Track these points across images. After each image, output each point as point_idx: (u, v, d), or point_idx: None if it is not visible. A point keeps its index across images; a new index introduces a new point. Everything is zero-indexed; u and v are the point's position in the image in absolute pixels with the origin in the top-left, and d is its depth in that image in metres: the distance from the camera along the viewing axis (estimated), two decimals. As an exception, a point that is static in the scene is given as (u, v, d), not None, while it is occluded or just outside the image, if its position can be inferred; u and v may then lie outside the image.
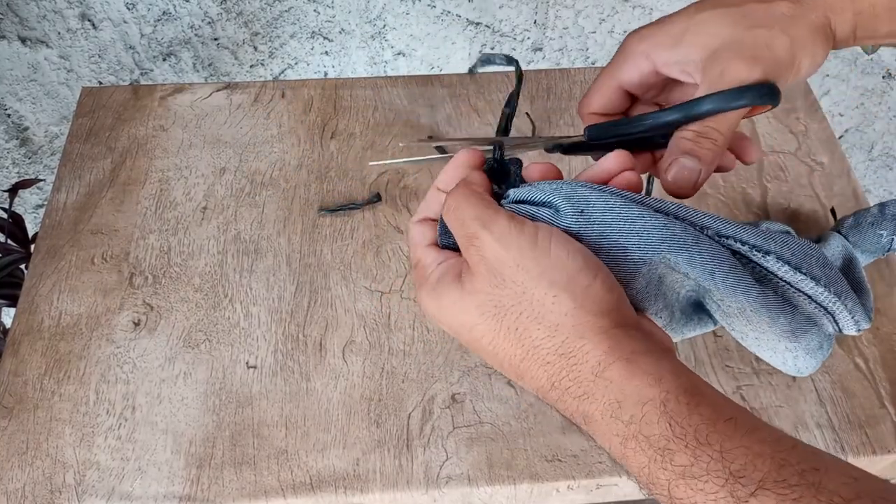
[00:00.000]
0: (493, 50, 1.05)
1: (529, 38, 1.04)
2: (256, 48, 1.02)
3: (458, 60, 1.07)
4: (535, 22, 1.01)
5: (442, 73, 1.09)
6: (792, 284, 0.44)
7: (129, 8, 0.96)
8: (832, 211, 0.64)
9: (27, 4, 0.93)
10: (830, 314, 0.46)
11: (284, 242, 0.64)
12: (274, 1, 0.96)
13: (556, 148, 0.48)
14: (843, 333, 0.47)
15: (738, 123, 0.43)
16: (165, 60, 1.03)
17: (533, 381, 0.35)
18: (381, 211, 0.66)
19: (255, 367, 0.57)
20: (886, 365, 0.57)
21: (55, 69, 1.02)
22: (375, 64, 1.06)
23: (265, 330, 0.58)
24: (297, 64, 1.06)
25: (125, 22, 0.97)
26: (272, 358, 0.57)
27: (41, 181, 1.07)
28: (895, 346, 0.58)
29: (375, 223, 0.65)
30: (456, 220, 0.38)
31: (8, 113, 1.07)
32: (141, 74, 1.05)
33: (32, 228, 0.94)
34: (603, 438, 0.34)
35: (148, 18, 0.97)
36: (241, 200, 0.66)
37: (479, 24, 1.01)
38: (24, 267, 0.87)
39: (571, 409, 0.34)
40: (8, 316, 1.14)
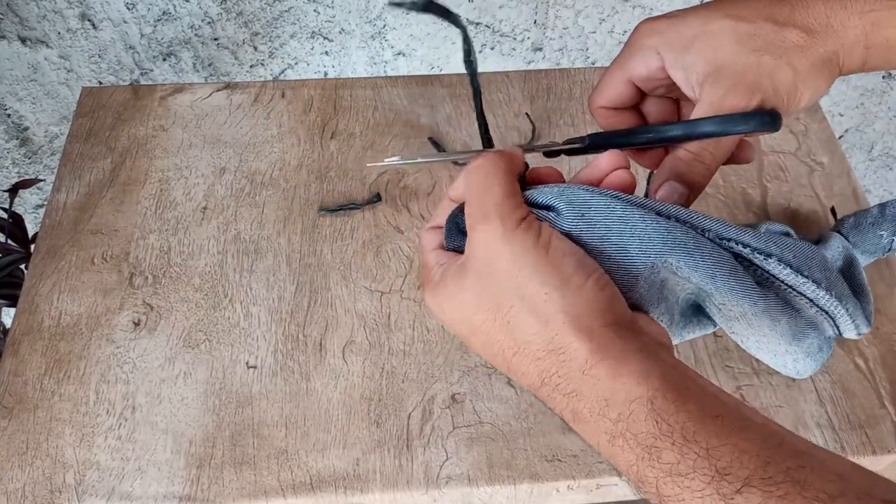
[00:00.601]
0: (492, 50, 1.05)
1: (529, 38, 1.04)
2: (256, 48, 1.02)
3: (458, 60, 1.07)
4: (535, 22, 1.01)
5: (442, 73, 1.09)
6: (794, 288, 0.44)
7: (129, 8, 0.96)
8: (832, 210, 0.64)
9: (27, 4, 0.93)
10: (831, 318, 0.46)
11: (284, 242, 0.64)
12: (274, 1, 0.96)
13: (555, 154, 0.48)
14: (843, 336, 0.48)
15: (734, 147, 0.43)
16: (165, 60, 1.03)
17: (525, 376, 0.36)
18: (381, 211, 0.66)
19: (255, 367, 0.57)
20: (886, 365, 0.57)
21: (55, 69, 1.02)
22: (375, 64, 1.06)
23: (265, 330, 0.58)
24: (297, 64, 1.06)
25: (125, 22, 0.97)
26: (272, 358, 0.57)
27: (41, 181, 1.07)
28: (895, 346, 0.58)
29: (375, 223, 0.65)
30: (476, 189, 0.38)
31: (8, 113, 1.07)
32: (141, 74, 1.05)
33: (32, 228, 0.94)
34: (592, 436, 0.34)
35: (148, 18, 0.97)
36: (241, 200, 0.66)
37: (479, 24, 1.01)
38: (24, 267, 0.87)
39: (561, 405, 0.35)
40: (8, 316, 1.15)
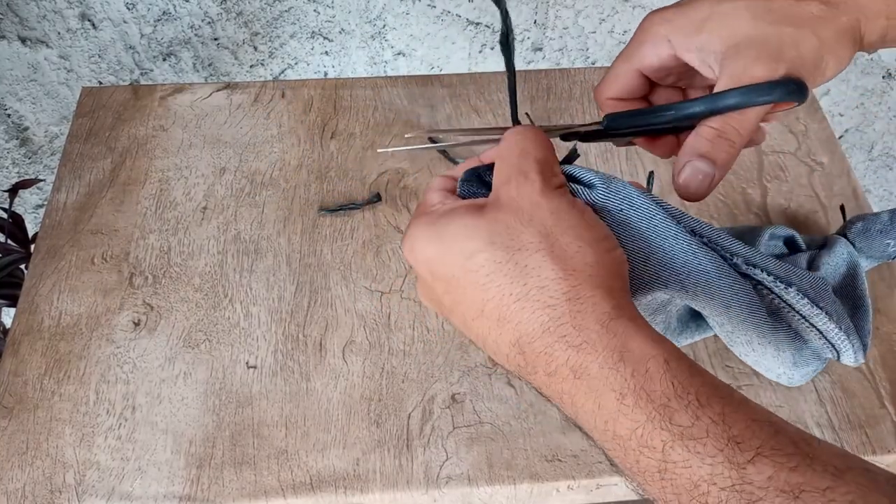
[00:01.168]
0: (492, 50, 1.05)
1: (529, 38, 1.04)
2: (256, 48, 1.02)
3: (458, 60, 1.07)
4: (535, 22, 1.01)
5: (442, 73, 1.09)
6: (807, 318, 0.44)
7: (129, 8, 0.96)
8: (841, 208, 0.63)
9: (27, 4, 0.93)
10: (836, 350, 0.47)
11: (284, 242, 0.64)
12: (274, 1, 0.96)
13: (572, 136, 0.46)
14: (839, 362, 0.48)
15: (759, 121, 0.41)
16: (165, 60, 1.03)
17: (517, 326, 0.34)
18: (381, 211, 0.66)
19: (255, 367, 0.57)
20: (886, 365, 0.57)
21: (55, 69, 1.02)
22: (375, 64, 1.06)
23: (265, 330, 0.58)
24: (297, 64, 1.06)
25: (125, 22, 0.97)
26: (272, 358, 0.57)
27: (41, 181, 1.07)
28: (895, 346, 0.58)
29: (375, 223, 0.65)
30: (516, 150, 0.37)
31: (8, 113, 1.07)
32: (141, 74, 1.05)
33: (32, 228, 0.94)
34: (593, 394, 0.32)
35: (148, 18, 0.97)
36: (241, 200, 0.66)
37: (479, 24, 1.01)
38: (24, 267, 0.87)
39: (559, 360, 0.32)
40: (8, 316, 1.14)
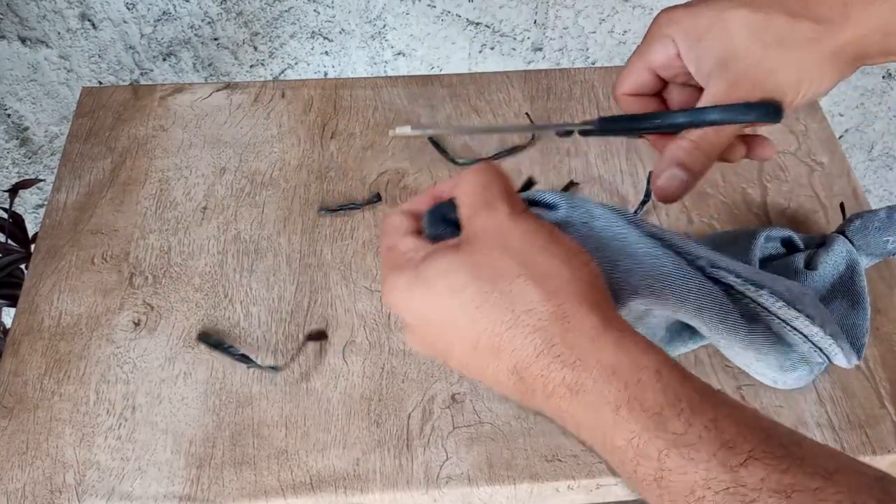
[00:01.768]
0: (492, 50, 1.05)
1: (529, 38, 1.04)
2: (256, 48, 1.02)
3: (458, 60, 1.07)
4: (535, 22, 1.01)
5: (442, 73, 1.09)
6: (787, 322, 0.44)
7: (129, 8, 0.96)
8: (841, 206, 0.63)
9: (27, 4, 0.93)
10: (826, 354, 0.47)
11: (284, 242, 0.64)
12: (274, 1, 0.96)
13: (567, 133, 0.48)
14: (833, 364, 0.48)
15: (734, 135, 0.44)
16: (165, 60, 1.03)
17: (513, 353, 0.34)
18: (381, 211, 0.66)
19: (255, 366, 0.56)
20: (886, 365, 0.57)
21: (55, 69, 1.02)
22: (375, 64, 1.06)
23: (265, 330, 0.58)
24: (297, 64, 1.06)
25: (125, 22, 0.97)
26: (272, 358, 0.57)
27: (41, 181, 1.07)
28: (895, 346, 0.58)
29: (375, 223, 0.65)
30: (477, 185, 0.38)
31: (8, 113, 1.07)
32: (141, 74, 1.05)
33: (32, 228, 0.94)
34: (590, 409, 0.32)
35: (148, 18, 0.97)
36: (241, 200, 0.66)
37: (479, 24, 1.01)
38: (24, 267, 0.87)
39: (556, 380, 0.33)
40: (8, 316, 1.14)
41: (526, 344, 0.34)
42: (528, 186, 0.44)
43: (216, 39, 1.01)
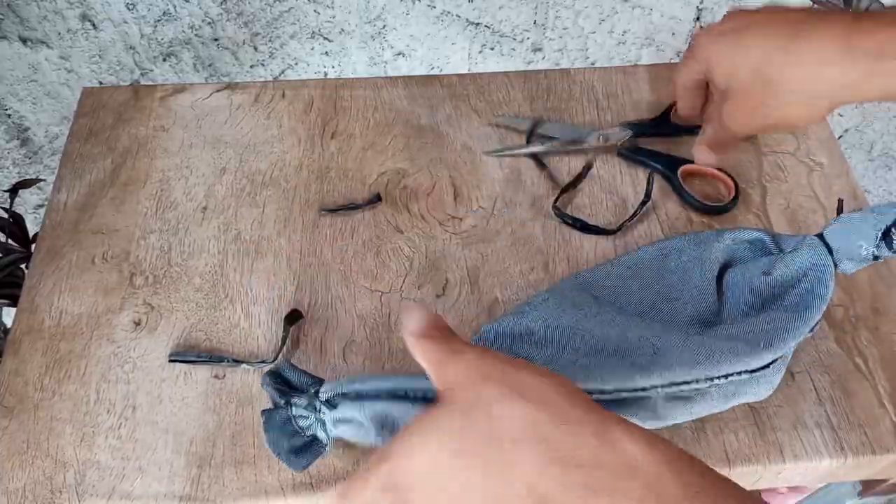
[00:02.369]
0: (492, 50, 1.05)
1: (529, 38, 1.04)
2: (256, 48, 1.02)
3: (458, 60, 1.07)
4: (535, 22, 1.02)
5: (442, 73, 1.09)
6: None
7: (129, 8, 0.96)
8: (839, 203, 0.62)
9: (28, 5, 0.94)
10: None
11: (285, 242, 0.64)
12: (274, 1, 0.96)
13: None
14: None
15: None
16: (165, 61, 1.03)
17: (527, 476, 0.31)
18: (381, 211, 0.66)
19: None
20: (886, 365, 0.57)
21: (55, 69, 1.02)
22: (375, 64, 1.07)
23: (265, 330, 0.59)
24: (297, 64, 1.06)
25: (125, 22, 0.97)
26: (272, 358, 0.57)
27: (41, 181, 1.07)
28: (895, 345, 0.58)
29: (375, 223, 0.65)
30: (426, 358, 0.38)
31: (8, 113, 1.07)
32: (141, 74, 1.05)
33: (33, 228, 0.94)
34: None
35: (148, 19, 0.97)
36: (241, 200, 0.67)
37: (478, 24, 1.01)
38: (24, 267, 0.87)
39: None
40: (8, 316, 1.15)
41: (542, 467, 0.31)
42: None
43: (216, 40, 1.01)
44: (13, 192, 0.90)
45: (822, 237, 0.52)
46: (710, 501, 0.30)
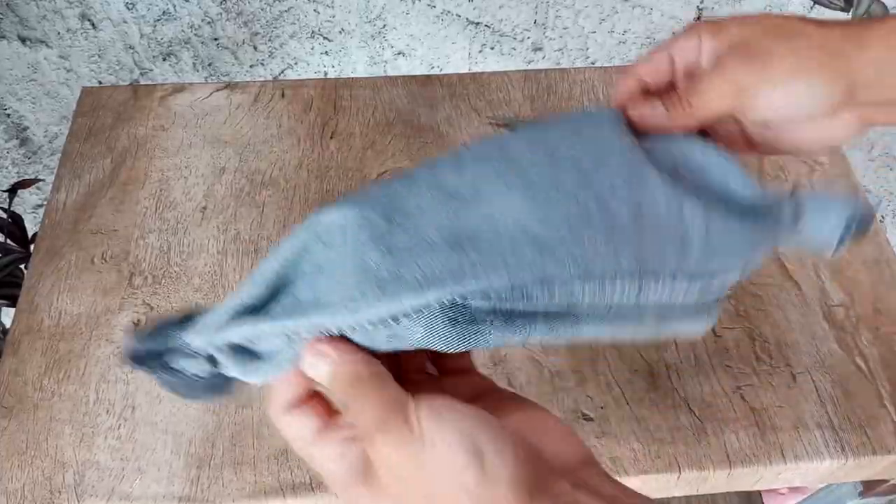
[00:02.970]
0: (492, 50, 1.05)
1: (529, 38, 1.04)
2: (256, 48, 1.02)
3: (458, 60, 1.07)
4: (535, 22, 1.01)
5: (442, 73, 1.09)
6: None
7: (128, 8, 0.96)
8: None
9: (27, 4, 0.94)
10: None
11: (284, 242, 0.64)
12: (274, 1, 0.96)
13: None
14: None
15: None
16: (165, 60, 1.03)
17: None
18: (381, 211, 0.66)
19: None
20: (886, 365, 0.57)
21: (55, 69, 1.02)
22: (375, 64, 1.07)
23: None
24: (296, 64, 1.06)
25: (125, 22, 0.97)
26: (272, 358, 0.57)
27: (41, 181, 1.07)
28: (895, 346, 0.58)
29: (375, 223, 0.65)
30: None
31: (8, 113, 1.07)
32: (141, 74, 1.05)
33: (32, 228, 0.94)
34: None
35: (148, 18, 0.97)
36: (240, 200, 0.66)
37: (478, 24, 1.01)
38: (23, 267, 0.87)
39: None
40: (8, 316, 1.14)
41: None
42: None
43: (216, 39, 1.01)
44: (12, 191, 0.90)
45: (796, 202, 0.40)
46: None
